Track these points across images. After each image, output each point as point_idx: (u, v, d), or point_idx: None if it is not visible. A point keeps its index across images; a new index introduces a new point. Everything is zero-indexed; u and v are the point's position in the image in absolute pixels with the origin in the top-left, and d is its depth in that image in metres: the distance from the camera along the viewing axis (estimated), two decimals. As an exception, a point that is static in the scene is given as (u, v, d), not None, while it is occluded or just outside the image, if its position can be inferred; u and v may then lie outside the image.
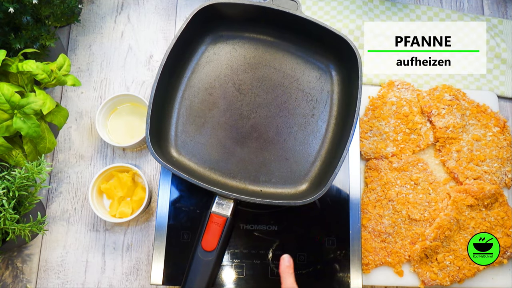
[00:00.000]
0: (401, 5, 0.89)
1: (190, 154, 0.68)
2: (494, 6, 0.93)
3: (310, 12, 0.89)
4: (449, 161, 0.77)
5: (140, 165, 0.80)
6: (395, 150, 0.77)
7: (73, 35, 0.88)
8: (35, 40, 0.73)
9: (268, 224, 0.69)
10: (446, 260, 0.72)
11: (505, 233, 0.73)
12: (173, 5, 0.90)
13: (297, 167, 0.67)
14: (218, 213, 0.60)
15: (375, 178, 0.76)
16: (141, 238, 0.77)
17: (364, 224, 0.74)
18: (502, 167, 0.77)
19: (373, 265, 0.72)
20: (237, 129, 0.69)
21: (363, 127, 0.79)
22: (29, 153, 0.67)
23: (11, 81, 0.68)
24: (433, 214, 0.74)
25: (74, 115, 0.83)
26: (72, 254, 0.76)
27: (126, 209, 0.74)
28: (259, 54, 0.72)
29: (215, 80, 0.71)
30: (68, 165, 0.81)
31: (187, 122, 0.69)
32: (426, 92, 0.81)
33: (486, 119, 0.80)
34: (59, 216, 0.78)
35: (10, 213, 0.60)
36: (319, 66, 0.72)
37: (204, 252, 0.59)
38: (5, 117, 0.63)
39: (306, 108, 0.70)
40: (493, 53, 0.87)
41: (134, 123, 0.80)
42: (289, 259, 0.61)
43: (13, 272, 0.75)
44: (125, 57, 0.87)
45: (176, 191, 0.70)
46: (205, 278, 0.58)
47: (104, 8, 0.90)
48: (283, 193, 0.66)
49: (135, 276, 0.75)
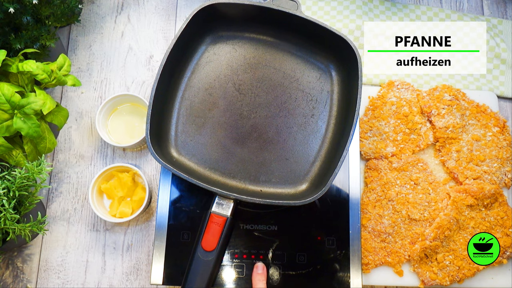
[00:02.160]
0: (401, 5, 0.89)
1: (190, 154, 0.68)
2: (494, 6, 0.93)
3: (310, 12, 0.89)
4: (449, 161, 0.77)
5: (140, 165, 0.80)
6: (395, 150, 0.77)
7: (73, 35, 0.88)
8: (35, 40, 0.73)
9: (268, 224, 0.69)
10: (446, 260, 0.72)
11: (505, 233, 0.73)
12: (173, 5, 0.90)
13: (297, 167, 0.67)
14: (218, 213, 0.61)
15: (375, 178, 0.76)
16: (141, 238, 0.77)
17: (364, 224, 0.74)
18: (501, 167, 0.77)
19: (373, 265, 0.73)
20: (237, 129, 0.69)
21: (363, 127, 0.79)
22: (29, 153, 0.67)
23: (12, 81, 0.68)
24: (433, 214, 0.74)
25: (74, 115, 0.83)
26: (72, 254, 0.76)
27: (126, 209, 0.74)
28: (259, 54, 0.73)
29: (215, 80, 0.71)
30: (68, 165, 0.81)
31: (187, 122, 0.69)
32: (426, 92, 0.81)
33: (486, 119, 0.80)
34: (59, 216, 0.78)
35: (10, 213, 0.60)
36: (319, 66, 0.72)
37: (204, 252, 0.59)
38: (6, 117, 0.63)
39: (306, 108, 0.70)
40: (493, 53, 0.87)
41: (134, 123, 0.80)
42: (262, 267, 0.65)
43: (13, 272, 0.75)
44: (125, 57, 0.87)
45: (176, 191, 0.70)
46: (205, 278, 0.58)
47: (104, 8, 0.90)
48: (283, 193, 0.66)
49: (135, 276, 0.75)
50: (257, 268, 0.65)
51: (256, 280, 0.64)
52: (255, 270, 0.65)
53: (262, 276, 0.64)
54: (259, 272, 0.64)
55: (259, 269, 0.65)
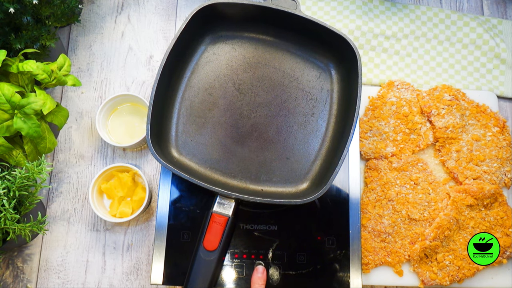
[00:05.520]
0: (401, 5, 0.89)
1: (191, 154, 0.68)
2: (493, 6, 0.93)
3: (310, 12, 0.89)
4: (449, 161, 0.77)
5: (140, 165, 0.80)
6: (394, 150, 0.77)
7: (73, 35, 0.88)
8: (36, 40, 0.73)
9: (268, 224, 0.69)
10: (446, 259, 0.72)
11: (505, 233, 0.73)
12: (173, 5, 0.91)
13: (298, 166, 0.67)
14: (219, 213, 0.61)
15: (375, 178, 0.76)
16: (141, 238, 0.77)
17: (364, 224, 0.74)
18: (501, 167, 0.77)
19: (373, 264, 0.73)
20: (237, 128, 0.69)
21: (363, 127, 0.79)
22: (29, 153, 0.67)
23: (12, 81, 0.68)
24: (433, 214, 0.74)
25: (75, 115, 0.83)
26: (72, 254, 0.76)
27: (126, 209, 0.74)
28: (258, 53, 0.73)
29: (215, 80, 0.71)
30: (68, 165, 0.81)
31: (188, 122, 0.69)
32: (426, 92, 0.81)
33: (485, 119, 0.80)
34: (59, 216, 0.78)
35: (10, 213, 0.60)
36: (319, 65, 0.72)
37: (206, 252, 0.59)
38: (6, 117, 0.63)
39: (306, 107, 0.70)
40: (493, 53, 0.87)
41: (134, 123, 0.80)
42: (263, 270, 0.65)
43: (13, 272, 0.75)
44: (125, 57, 0.87)
45: (176, 191, 0.70)
46: (207, 277, 0.58)
47: (104, 8, 0.90)
48: (284, 192, 0.66)
49: (135, 276, 0.75)
50: (257, 271, 0.65)
51: (256, 283, 0.64)
52: (255, 272, 0.65)
53: (261, 280, 0.64)
54: (259, 275, 0.64)
55: (259, 271, 0.65)
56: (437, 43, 0.88)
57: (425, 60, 0.87)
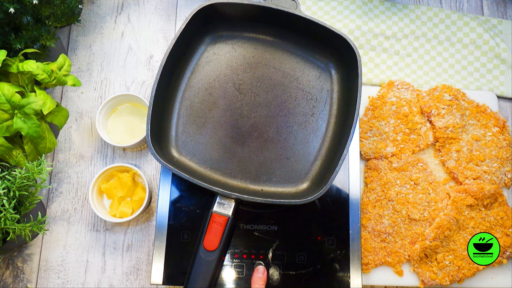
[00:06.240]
0: (401, 5, 0.89)
1: (191, 154, 0.68)
2: (493, 6, 0.93)
3: (310, 12, 0.89)
4: (449, 161, 0.77)
5: (140, 165, 0.80)
6: (394, 150, 0.77)
7: (73, 35, 0.88)
8: (36, 40, 0.73)
9: (268, 224, 0.69)
10: (446, 260, 0.72)
11: (505, 233, 0.73)
12: (173, 5, 0.91)
13: (298, 166, 0.67)
14: (219, 213, 0.61)
15: (375, 178, 0.76)
16: (141, 238, 0.77)
17: (364, 224, 0.74)
18: (501, 167, 0.77)
19: (373, 265, 0.73)
20: (237, 128, 0.69)
21: (363, 127, 0.79)
22: (29, 153, 0.67)
23: (12, 81, 0.68)
24: (433, 214, 0.74)
25: (74, 115, 0.83)
26: (72, 254, 0.76)
27: (126, 209, 0.74)
28: (258, 53, 0.73)
29: (215, 80, 0.71)
30: (68, 165, 0.81)
31: (188, 122, 0.69)
32: (426, 92, 0.81)
33: (485, 119, 0.80)
34: (59, 216, 0.78)
35: (10, 213, 0.60)
36: (319, 65, 0.72)
37: (206, 252, 0.59)
38: (6, 117, 0.63)
39: (306, 107, 0.70)
40: (493, 53, 0.87)
41: (134, 123, 0.80)
42: (263, 271, 0.65)
43: (13, 272, 0.75)
44: (125, 57, 0.87)
45: (176, 191, 0.70)
46: (207, 277, 0.58)
47: (104, 8, 0.90)
48: (284, 192, 0.66)
49: (135, 276, 0.75)
50: (257, 271, 0.65)
51: (256, 283, 0.64)
52: (256, 272, 0.65)
53: (261, 280, 0.64)
54: (259, 275, 0.64)
55: (260, 272, 0.65)
56: (437, 43, 0.88)
57: (425, 60, 0.87)
